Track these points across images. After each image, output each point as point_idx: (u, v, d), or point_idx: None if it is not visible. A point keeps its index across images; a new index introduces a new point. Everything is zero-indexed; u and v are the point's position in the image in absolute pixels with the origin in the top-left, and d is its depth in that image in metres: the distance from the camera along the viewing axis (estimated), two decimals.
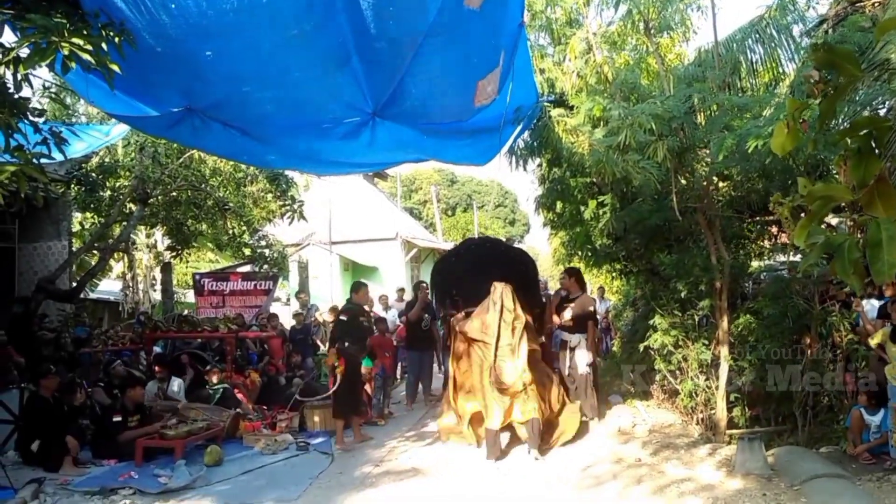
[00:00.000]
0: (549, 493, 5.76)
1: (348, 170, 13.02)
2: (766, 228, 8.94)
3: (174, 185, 11.13)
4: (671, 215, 6.80)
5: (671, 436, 7.41)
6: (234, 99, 5.03)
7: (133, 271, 16.73)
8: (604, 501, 5.47)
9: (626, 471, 6.25)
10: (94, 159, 10.10)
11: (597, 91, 6.95)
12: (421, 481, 6.27)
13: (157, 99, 4.96)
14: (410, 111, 5.39)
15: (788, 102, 2.00)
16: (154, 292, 18.07)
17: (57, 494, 5.73)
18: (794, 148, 2.08)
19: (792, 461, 5.95)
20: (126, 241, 12.60)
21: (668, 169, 6.28)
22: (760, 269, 9.49)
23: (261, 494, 5.93)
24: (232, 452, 7.37)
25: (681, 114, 6.11)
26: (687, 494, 5.44)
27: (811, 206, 1.95)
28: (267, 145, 5.98)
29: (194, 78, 4.64)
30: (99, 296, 17.50)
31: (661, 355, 7.68)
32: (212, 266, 20.11)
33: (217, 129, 5.40)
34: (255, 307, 13.93)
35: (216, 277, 14.99)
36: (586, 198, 8.02)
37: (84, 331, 10.41)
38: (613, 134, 6.00)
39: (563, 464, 6.65)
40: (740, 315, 7.29)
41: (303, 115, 5.40)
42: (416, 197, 49.52)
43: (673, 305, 7.80)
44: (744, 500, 5.19)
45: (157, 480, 6.23)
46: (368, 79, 4.78)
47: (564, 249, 11.82)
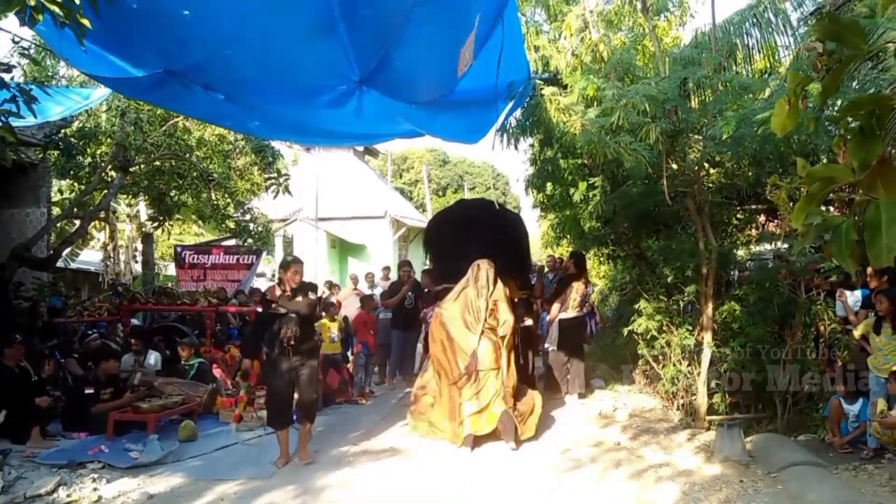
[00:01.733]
0: (526, 474, 5.70)
1: (336, 141, 12.83)
2: (754, 217, 8.90)
3: (157, 153, 10.89)
4: (661, 200, 6.72)
5: (651, 420, 7.41)
6: (214, 62, 4.86)
7: (114, 242, 16.45)
8: (581, 484, 5.42)
9: (604, 454, 6.23)
10: (74, 124, 9.84)
11: (591, 70, 6.82)
12: (399, 461, 6.20)
13: (136, 59, 4.77)
14: (398, 80, 5.24)
15: (790, 76, 1.89)
16: (136, 264, 17.80)
17: (22, 467, 5.60)
18: (794, 127, 1.97)
19: (770, 449, 5.94)
20: (106, 209, 12.34)
21: (660, 152, 6.19)
22: (747, 256, 9.45)
23: (234, 471, 5.83)
24: (207, 428, 7.26)
25: (675, 95, 6.01)
26: (664, 479, 5.41)
27: (810, 187, 1.85)
28: (250, 111, 5.81)
29: (172, 38, 4.46)
30: (79, 266, 17.24)
31: (645, 340, 7.64)
32: (197, 239, 19.88)
33: (199, 93, 5.22)
34: (237, 281, 13.78)
35: (198, 250, 14.80)
36: (577, 180, 7.91)
37: (59, 300, 10.22)
38: (606, 114, 5.89)
39: (543, 445, 6.61)
40: (725, 302, 7.25)
41: (287, 80, 5.24)
42: (408, 176, 49.28)
43: (659, 290, 7.75)
44: (721, 486, 5.16)
45: (128, 455, 6.12)
46: (355, 46, 4.62)
47: (553, 232, 11.75)
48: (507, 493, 5.22)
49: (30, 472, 5.49)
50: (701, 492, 5.10)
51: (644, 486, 5.31)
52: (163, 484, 5.46)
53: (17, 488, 5.12)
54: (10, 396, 6.49)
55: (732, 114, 5.50)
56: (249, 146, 11.78)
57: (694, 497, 4.98)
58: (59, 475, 5.39)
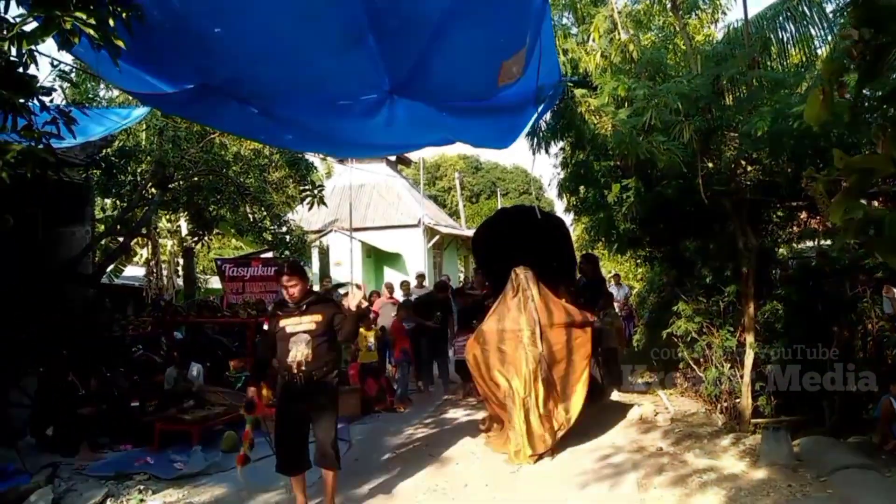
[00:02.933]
0: (567, 481, 5.65)
1: (368, 152, 12.91)
2: (795, 214, 8.69)
3: (195, 169, 11.11)
4: (697, 199, 6.61)
5: (694, 425, 7.27)
6: (246, 77, 4.94)
7: (157, 257, 16.81)
8: (623, 491, 5.34)
9: (646, 460, 6.13)
10: (115, 144, 10.10)
11: (621, 70, 6.76)
12: (438, 469, 6.19)
13: (172, 76, 4.88)
14: (430, 89, 5.26)
15: (823, 65, 1.84)
16: (178, 278, 18.17)
17: (72, 479, 5.75)
18: (829, 118, 1.91)
19: (818, 452, 5.78)
20: (148, 225, 12.63)
21: (695, 151, 6.09)
22: (788, 255, 9.24)
23: (276, 480, 5.85)
24: None
25: (708, 93, 5.92)
26: (709, 484, 5.30)
27: (848, 180, 1.79)
28: (283, 124, 5.88)
29: (206, 55, 4.55)
30: (124, 282, 17.65)
31: (685, 342, 7.51)
32: (235, 253, 20.17)
33: (234, 107, 5.32)
34: (275, 292, 13.92)
35: (237, 263, 15.01)
36: (610, 181, 7.83)
37: (105, 316, 10.46)
38: (638, 114, 5.83)
39: (583, 452, 6.54)
40: (767, 301, 7.08)
41: (318, 93, 5.30)
42: (440, 184, 49.44)
43: (697, 291, 7.62)
44: (768, 491, 5.04)
45: (172, 466, 6.24)
46: (384, 56, 4.65)
47: (587, 236, 11.64)
48: (547, 502, 5.17)
49: (79, 485, 5.63)
50: (747, 497, 4.98)
51: (688, 492, 5.22)
52: (206, 494, 5.55)
53: (67, 500, 5.26)
54: (58, 411, 6.67)
55: (768, 109, 5.39)
56: (283, 159, 11.96)
57: (740, 503, 4.87)
58: (106, 487, 5.52)
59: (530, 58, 5.17)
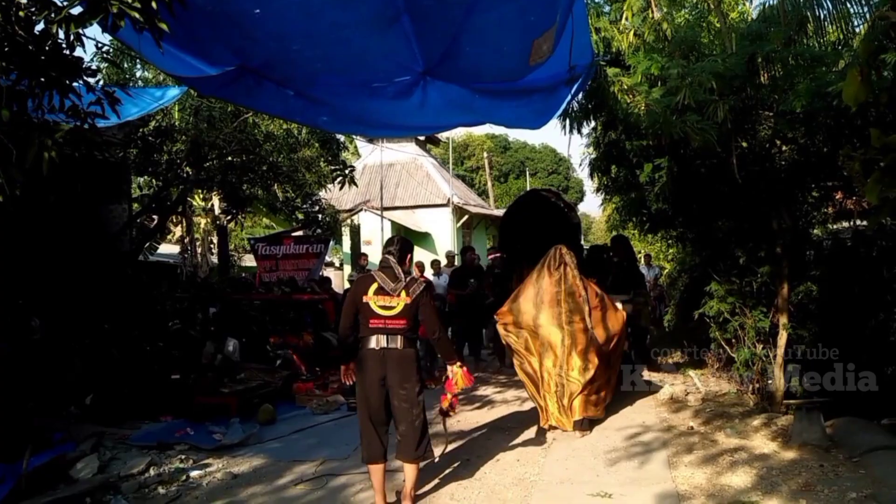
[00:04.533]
0: (597, 458, 5.71)
1: (400, 133, 12.94)
2: (831, 194, 8.56)
3: (229, 149, 11.27)
4: (731, 179, 6.56)
5: (725, 405, 7.27)
6: (283, 58, 5.00)
7: (191, 235, 17.14)
8: (653, 469, 5.39)
9: (676, 439, 6.16)
10: (150, 123, 10.29)
11: (655, 49, 6.69)
12: (468, 445, 6.30)
13: (211, 57, 4.97)
14: (463, 70, 5.28)
15: (861, 46, 1.85)
16: (212, 256, 18.53)
17: (116, 448, 5.96)
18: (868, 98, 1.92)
19: (852, 432, 5.76)
20: (183, 204, 12.87)
21: (728, 130, 6.03)
22: (824, 235, 9.12)
23: (312, 452, 6.06)
24: (285, 412, 7.55)
25: (743, 72, 5.85)
26: (740, 464, 5.32)
27: (885, 158, 1.81)
28: (319, 106, 5.95)
29: (244, 36, 4.63)
30: (158, 259, 18.04)
31: (717, 323, 7.49)
32: (267, 231, 20.48)
33: (271, 89, 5.40)
34: (307, 270, 14.13)
35: (270, 242, 15.25)
36: (642, 161, 7.78)
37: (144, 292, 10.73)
38: (671, 93, 5.79)
39: (613, 430, 6.59)
40: (801, 282, 7.03)
41: (353, 74, 5.35)
42: (469, 163, 49.33)
43: (730, 272, 7.57)
44: (800, 471, 5.04)
45: (211, 437, 6.43)
46: (419, 37, 4.68)
47: (618, 215, 11.59)
48: (575, 478, 5.24)
49: (122, 454, 5.84)
50: (778, 476, 4.99)
51: (718, 470, 5.24)
52: (245, 464, 5.74)
53: (112, 468, 5.46)
54: (101, 382, 6.91)
55: (804, 86, 5.32)
56: (315, 138, 12.06)
57: (771, 482, 4.88)
58: (149, 456, 5.73)
59: (560, 35, 5.16)
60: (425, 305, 4.67)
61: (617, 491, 4.86)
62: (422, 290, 4.66)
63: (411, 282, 4.66)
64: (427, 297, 4.70)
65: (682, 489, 4.85)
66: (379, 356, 4.58)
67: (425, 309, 4.67)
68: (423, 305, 4.65)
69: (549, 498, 4.79)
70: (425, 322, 4.71)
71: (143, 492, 5.11)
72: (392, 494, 4.84)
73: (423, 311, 4.66)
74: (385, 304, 4.58)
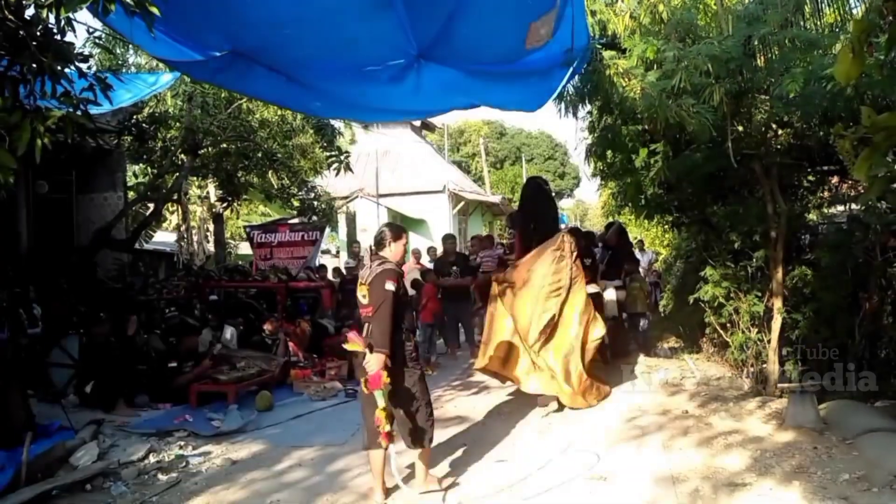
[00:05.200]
0: (594, 441, 5.75)
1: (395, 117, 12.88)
2: (826, 178, 8.57)
3: (223, 136, 11.22)
4: (726, 163, 6.55)
5: (720, 389, 7.31)
6: (276, 42, 4.98)
7: (187, 223, 17.09)
8: (649, 451, 5.43)
9: (672, 422, 6.20)
10: (145, 110, 10.24)
11: (651, 32, 6.66)
12: (466, 430, 6.33)
13: (203, 42, 4.95)
14: (457, 53, 5.26)
15: (854, 24, 1.84)
16: (208, 244, 18.48)
17: (115, 435, 5.99)
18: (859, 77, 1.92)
19: (845, 415, 5.80)
20: (178, 191, 12.83)
21: (725, 114, 6.02)
22: (819, 220, 9.15)
23: (310, 438, 6.09)
24: (282, 398, 7.58)
25: (739, 55, 5.82)
26: (734, 446, 5.37)
27: (875, 137, 1.81)
28: (311, 91, 5.93)
29: (236, 21, 4.61)
30: (155, 247, 18.00)
31: (712, 307, 7.52)
32: (263, 218, 20.42)
33: (262, 74, 5.38)
34: (302, 258, 14.10)
35: (265, 229, 15.22)
36: (637, 146, 7.76)
37: (140, 280, 10.73)
38: (667, 77, 5.76)
39: (609, 414, 6.63)
40: (796, 266, 7.05)
41: (345, 58, 5.33)
42: (465, 150, 49.19)
43: (725, 256, 7.60)
44: (794, 453, 5.09)
45: (210, 424, 6.46)
46: (412, 19, 4.66)
47: (614, 201, 11.58)
48: (572, 462, 5.27)
49: (122, 441, 5.87)
50: (773, 458, 5.03)
51: (713, 453, 5.28)
52: (244, 450, 5.77)
53: (111, 455, 5.48)
54: (100, 368, 6.92)
55: (800, 70, 5.30)
56: (310, 124, 12.01)
57: (765, 464, 4.93)
58: (149, 443, 5.76)
59: (560, 20, 5.14)
60: (374, 286, 4.46)
61: (612, 473, 4.90)
62: (377, 272, 4.48)
63: (374, 269, 4.54)
64: (379, 279, 4.46)
65: (677, 472, 4.88)
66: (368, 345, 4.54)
67: (373, 289, 4.46)
68: (372, 286, 4.47)
69: (546, 481, 4.82)
70: (370, 302, 4.47)
71: (143, 478, 5.13)
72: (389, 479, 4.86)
73: (372, 290, 4.47)
74: (362, 294, 4.58)
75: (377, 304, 4.44)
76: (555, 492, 4.63)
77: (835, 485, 4.41)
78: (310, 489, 4.85)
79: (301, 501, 4.63)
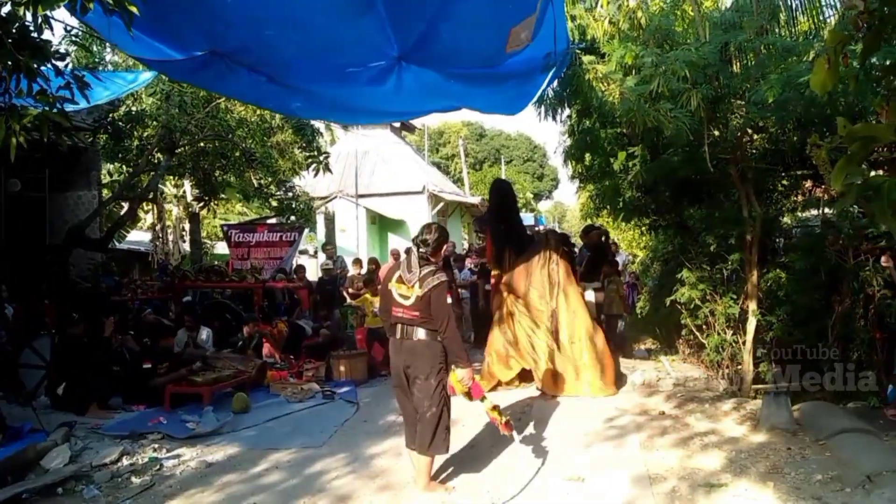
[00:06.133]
0: (572, 441, 5.78)
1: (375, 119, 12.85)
2: (800, 182, 8.71)
3: (201, 134, 11.13)
4: (703, 167, 6.63)
5: (696, 390, 7.39)
6: (257, 43, 4.95)
7: (162, 222, 16.92)
8: (627, 451, 5.48)
9: (649, 422, 6.26)
10: (121, 108, 10.12)
11: (629, 38, 6.73)
12: None
13: (182, 42, 4.90)
14: (438, 55, 5.26)
15: (829, 35, 1.88)
16: (184, 243, 18.32)
17: (88, 437, 5.90)
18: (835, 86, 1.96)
19: (818, 416, 5.90)
20: (154, 190, 12.71)
21: (701, 119, 6.10)
22: (793, 223, 9.29)
23: (287, 440, 6.05)
24: (259, 400, 7.53)
25: (716, 61, 5.91)
26: (710, 447, 5.43)
27: (850, 147, 1.85)
28: (292, 92, 5.90)
29: (217, 20, 4.57)
30: (129, 246, 17.79)
31: (688, 309, 7.61)
32: (240, 218, 20.29)
33: (243, 74, 5.34)
34: (280, 259, 14.03)
35: (243, 229, 15.13)
36: (616, 149, 7.84)
37: (113, 280, 10.60)
38: (645, 82, 5.82)
39: (587, 414, 6.67)
40: (770, 269, 7.16)
41: (327, 59, 5.31)
42: (444, 151, 49.24)
43: (701, 259, 7.70)
44: (768, 454, 5.16)
45: (185, 426, 6.39)
46: (394, 22, 4.65)
47: (593, 203, 11.67)
48: (550, 462, 5.29)
49: (95, 443, 5.78)
50: (747, 459, 5.10)
51: (689, 453, 5.34)
52: (220, 453, 5.71)
53: (83, 458, 5.40)
54: (73, 370, 6.82)
55: (776, 77, 5.39)
56: (289, 125, 11.96)
57: (740, 464, 4.99)
58: (122, 445, 5.68)
59: (540, 24, 5.17)
60: (436, 300, 4.49)
61: (590, 474, 4.94)
62: (436, 283, 4.49)
63: (428, 274, 4.51)
64: (439, 292, 4.50)
65: (654, 472, 4.93)
66: (398, 345, 4.61)
67: (435, 304, 4.49)
68: (433, 300, 4.49)
69: (523, 482, 4.83)
70: (434, 317, 4.50)
71: (116, 481, 5.06)
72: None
73: (434, 305, 4.49)
74: (403, 294, 4.55)
75: (440, 318, 4.48)
76: (533, 492, 4.65)
77: (808, 485, 4.48)
78: (287, 492, 4.82)
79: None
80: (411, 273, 4.55)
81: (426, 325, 4.55)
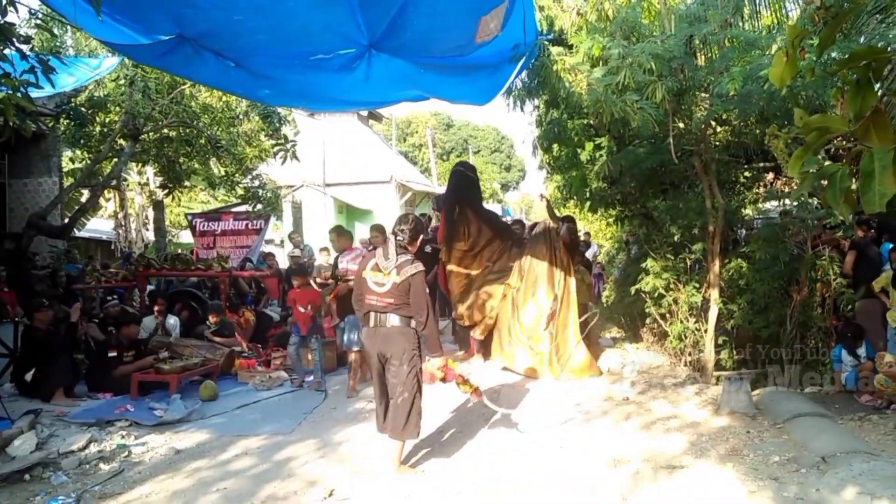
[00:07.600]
0: (540, 429, 5.87)
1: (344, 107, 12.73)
2: (762, 175, 8.93)
3: (165, 121, 10.95)
4: (667, 159, 6.77)
5: (659, 376, 7.56)
6: (225, 27, 4.89)
7: (125, 210, 16.63)
8: (591, 436, 5.59)
9: (614, 408, 6.39)
10: (83, 93, 9.91)
11: (597, 29, 6.82)
12: None
13: (149, 25, 4.81)
14: (408, 44, 5.25)
15: (788, 30, 1.96)
16: (147, 231, 18.02)
17: (54, 425, 5.83)
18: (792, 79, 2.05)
19: (776, 401, 6.09)
20: (117, 178, 12.48)
21: (667, 111, 6.22)
22: (754, 215, 9.53)
23: (256, 427, 6.05)
24: (227, 388, 7.50)
25: (681, 53, 6.02)
26: (673, 430, 5.58)
27: (807, 137, 1.93)
28: (260, 78, 5.84)
29: (184, 4, 4.51)
30: (91, 234, 17.45)
31: (653, 298, 7.77)
32: (204, 206, 20.02)
33: (210, 60, 5.26)
34: (247, 247, 13.91)
35: (208, 218, 14.94)
36: (583, 140, 7.95)
37: (75, 268, 10.42)
38: (612, 74, 5.91)
39: (555, 400, 6.78)
40: (732, 259, 7.34)
41: (296, 46, 5.26)
42: (412, 140, 49.09)
43: (666, 249, 7.86)
44: (728, 437, 5.32)
45: (152, 413, 6.35)
46: (364, 9, 4.64)
47: (560, 194, 11.79)
48: (519, 449, 5.38)
49: (61, 430, 5.72)
50: (708, 442, 5.25)
51: (653, 436, 5.48)
52: (188, 440, 5.69)
53: (50, 445, 5.34)
54: (39, 358, 6.72)
55: (738, 69, 5.53)
56: (256, 112, 11.83)
57: (701, 447, 5.13)
58: (89, 433, 5.62)
59: (509, 14, 5.21)
60: (415, 290, 4.58)
61: (557, 459, 5.04)
62: (415, 272, 4.57)
63: (405, 262, 4.60)
64: (419, 281, 4.59)
65: (619, 454, 5.04)
66: (373, 332, 4.68)
67: (415, 293, 4.57)
68: (413, 289, 4.57)
69: (492, 466, 4.91)
70: (414, 308, 4.59)
71: (84, 468, 5.01)
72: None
73: (413, 295, 4.58)
74: (377, 281, 4.62)
75: (420, 309, 4.57)
76: (502, 478, 4.73)
77: (766, 466, 4.64)
78: (256, 477, 4.83)
79: (248, 489, 4.60)
80: (388, 261, 4.63)
81: (399, 311, 4.63)
